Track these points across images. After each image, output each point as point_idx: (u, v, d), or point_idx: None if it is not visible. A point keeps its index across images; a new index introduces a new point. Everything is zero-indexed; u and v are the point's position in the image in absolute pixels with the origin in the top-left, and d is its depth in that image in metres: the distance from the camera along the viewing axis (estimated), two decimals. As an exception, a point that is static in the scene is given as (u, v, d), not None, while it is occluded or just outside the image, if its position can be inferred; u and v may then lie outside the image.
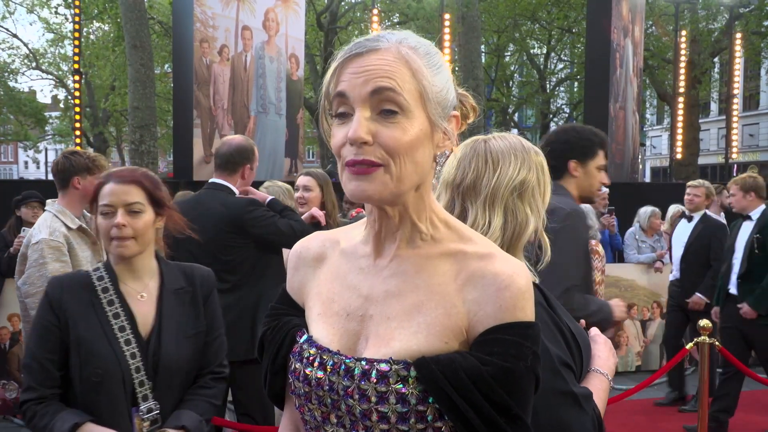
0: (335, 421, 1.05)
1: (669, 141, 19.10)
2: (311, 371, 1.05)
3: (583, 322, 1.57)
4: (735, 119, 15.15)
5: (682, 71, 14.32)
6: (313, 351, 1.07)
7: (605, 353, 1.51)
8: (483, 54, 19.81)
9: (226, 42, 8.75)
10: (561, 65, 25.25)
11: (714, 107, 28.97)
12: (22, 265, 3.08)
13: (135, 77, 11.10)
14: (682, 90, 14.28)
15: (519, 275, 1.02)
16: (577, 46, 21.27)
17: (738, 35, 15.75)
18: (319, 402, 1.05)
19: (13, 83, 23.34)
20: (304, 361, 1.07)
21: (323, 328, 1.09)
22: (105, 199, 1.96)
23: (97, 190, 2.00)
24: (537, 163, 1.47)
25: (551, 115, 25.65)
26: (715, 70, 21.92)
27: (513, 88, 26.79)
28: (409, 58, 1.00)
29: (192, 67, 8.35)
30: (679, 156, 14.76)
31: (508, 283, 1.01)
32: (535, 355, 1.01)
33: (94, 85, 22.49)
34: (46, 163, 29.87)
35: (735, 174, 13.59)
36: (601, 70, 11.20)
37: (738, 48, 15.62)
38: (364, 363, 1.01)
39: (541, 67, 24.49)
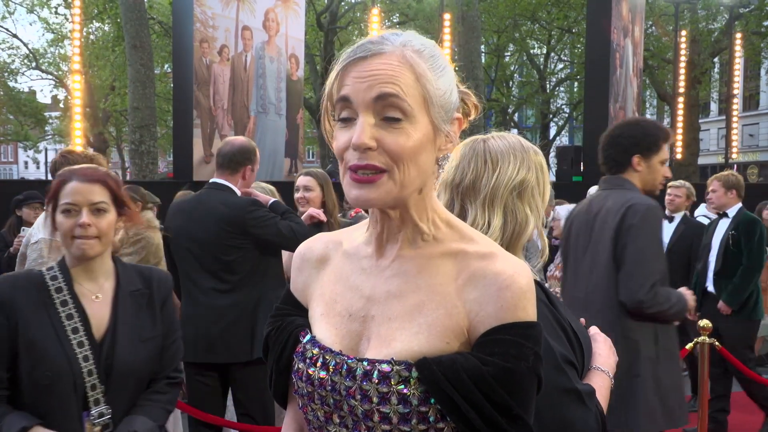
0: (338, 421, 1.05)
1: (669, 141, 19.08)
2: (314, 371, 1.06)
3: (582, 320, 1.57)
4: (735, 119, 15.19)
5: (682, 71, 14.35)
6: (315, 351, 1.07)
7: (606, 351, 1.52)
8: (483, 54, 19.84)
9: (226, 42, 8.76)
10: (561, 65, 25.26)
11: (714, 107, 28.97)
12: (22, 265, 3.08)
13: (135, 77, 11.12)
14: (682, 90, 14.31)
15: (520, 275, 1.02)
16: (577, 46, 21.31)
17: (738, 35, 15.79)
18: (321, 402, 1.05)
19: (13, 83, 23.34)
20: (307, 361, 1.07)
21: (326, 329, 1.10)
22: (68, 197, 1.89)
23: (58, 187, 1.92)
24: (536, 162, 1.47)
25: (551, 115, 25.68)
26: (715, 70, 21.95)
27: (513, 88, 26.79)
28: (414, 62, 1.00)
29: (192, 67, 8.36)
30: (679, 156, 14.78)
31: (509, 282, 1.01)
32: (536, 355, 1.00)
33: (94, 85, 22.48)
34: (46, 163, 29.81)
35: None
36: (601, 70, 11.22)
37: (738, 48, 15.65)
38: (365, 363, 1.01)
39: (541, 67, 24.50)
